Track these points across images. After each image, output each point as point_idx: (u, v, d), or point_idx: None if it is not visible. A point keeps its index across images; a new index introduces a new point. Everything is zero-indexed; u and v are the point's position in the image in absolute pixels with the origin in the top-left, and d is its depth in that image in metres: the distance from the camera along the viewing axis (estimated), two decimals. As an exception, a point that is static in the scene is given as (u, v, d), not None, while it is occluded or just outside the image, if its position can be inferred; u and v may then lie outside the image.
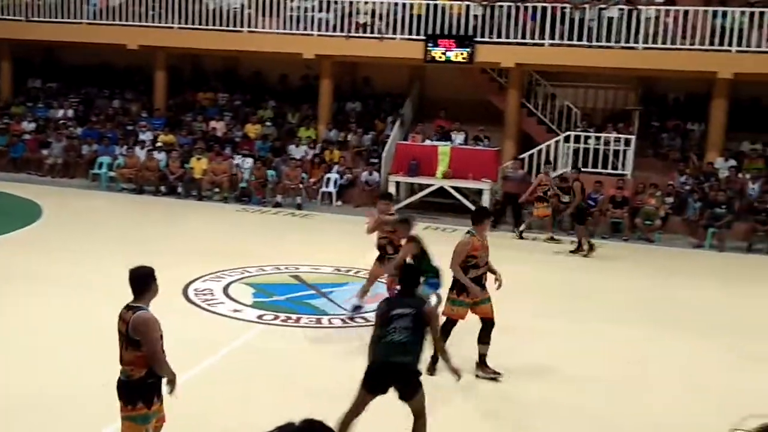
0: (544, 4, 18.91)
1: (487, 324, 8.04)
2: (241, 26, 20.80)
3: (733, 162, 18.00)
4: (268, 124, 21.50)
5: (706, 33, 17.84)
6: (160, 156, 19.85)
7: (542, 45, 18.76)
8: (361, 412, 5.89)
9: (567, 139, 18.71)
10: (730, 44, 17.61)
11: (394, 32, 19.73)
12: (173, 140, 20.91)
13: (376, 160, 19.68)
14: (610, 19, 18.32)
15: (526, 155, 18.92)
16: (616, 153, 18.40)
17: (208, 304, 10.19)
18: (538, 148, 19.04)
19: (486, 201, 17.93)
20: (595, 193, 17.06)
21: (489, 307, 8.01)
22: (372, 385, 5.85)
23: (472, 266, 7.93)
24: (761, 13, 17.53)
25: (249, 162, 19.44)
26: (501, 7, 19.00)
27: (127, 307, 5.11)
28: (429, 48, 19.21)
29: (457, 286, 7.97)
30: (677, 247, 16.19)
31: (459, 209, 18.00)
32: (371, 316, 8.30)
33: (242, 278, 11.61)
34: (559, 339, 9.57)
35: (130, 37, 21.50)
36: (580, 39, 18.43)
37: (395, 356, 5.78)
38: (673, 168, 18.55)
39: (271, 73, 23.29)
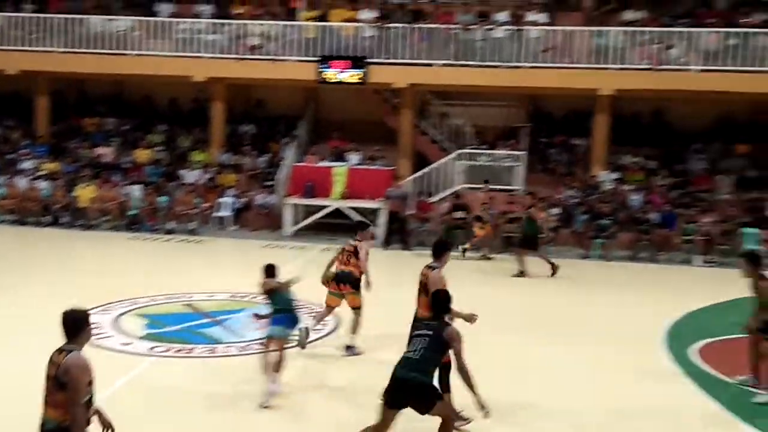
0: (435, 26, 19.30)
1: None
2: (128, 49, 20.27)
3: (616, 175, 18.79)
4: (158, 148, 20.96)
5: (587, 52, 18.64)
6: (42, 185, 19.01)
7: (434, 65, 19.12)
8: (382, 430, 6.02)
9: (459, 157, 19.09)
10: (610, 62, 18.44)
11: (287, 54, 19.67)
12: (57, 168, 20.06)
13: (271, 183, 19.48)
14: (498, 40, 18.88)
15: (420, 173, 19.22)
16: (507, 169, 18.90)
17: (96, 339, 9.73)
18: (431, 166, 19.36)
19: (382, 220, 18.05)
20: (486, 209, 17.41)
21: None
22: (387, 399, 6.00)
23: None
24: (639, 33, 18.45)
25: (139, 188, 18.87)
26: (393, 28, 19.27)
27: (59, 350, 4.81)
28: (322, 69, 19.24)
29: None
30: (566, 257, 16.72)
31: (355, 230, 18.06)
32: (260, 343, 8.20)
33: (133, 309, 11.19)
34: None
35: (10, 62, 20.58)
36: (470, 59, 18.90)
37: (405, 372, 5.98)
38: (560, 182, 19.19)
39: (160, 97, 22.77)
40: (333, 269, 9.65)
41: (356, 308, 9.52)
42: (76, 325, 4.86)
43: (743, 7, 19.32)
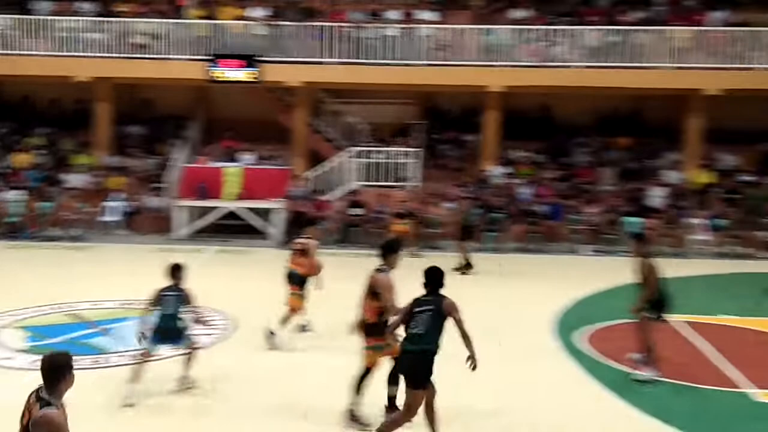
0: (327, 24, 19.23)
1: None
2: (5, 49, 19.26)
3: (506, 169, 19.27)
4: (39, 152, 20.00)
5: (477, 49, 19.02)
6: None
7: (327, 63, 19.05)
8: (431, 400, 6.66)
9: (354, 155, 19.12)
10: (499, 60, 18.88)
11: (175, 53, 19.17)
12: (-72, 175, 18.87)
13: (161, 185, 18.94)
14: (390, 38, 19.01)
15: (315, 172, 19.14)
16: (401, 166, 19.06)
17: (-28, 355, 9.22)
18: (327, 164, 19.30)
19: (279, 221, 17.88)
20: (381, 206, 17.54)
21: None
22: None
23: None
24: (526, 31, 18.96)
25: (18, 194, 17.96)
26: (285, 26, 19.08)
27: (38, 398, 4.45)
28: (212, 68, 18.84)
29: (377, 331, 7.18)
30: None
31: (251, 230, 17.84)
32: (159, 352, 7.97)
33: (14, 322, 10.64)
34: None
35: None
36: (362, 57, 18.94)
37: (413, 346, 6.53)
38: (454, 177, 19.50)
39: (40, 98, 21.72)
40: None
41: (292, 310, 9.71)
42: (56, 371, 4.46)
43: (622, 6, 20.17)
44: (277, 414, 7.71)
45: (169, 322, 7.95)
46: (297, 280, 9.71)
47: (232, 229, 18.05)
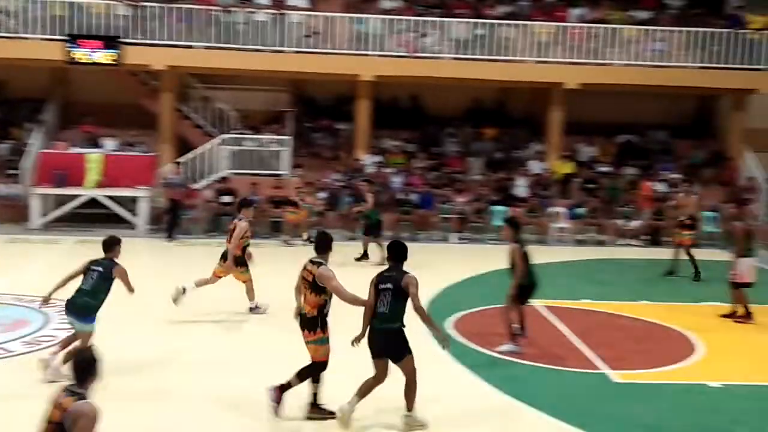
0: (193, 6, 18.62)
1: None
2: None
3: (378, 158, 19.40)
4: None
5: (348, 38, 19.01)
6: None
7: (193, 47, 18.48)
8: (380, 379, 7.03)
9: (224, 142, 18.69)
10: (369, 48, 18.94)
11: (30, 32, 18.02)
12: None
13: (15, 172, 17.79)
14: (260, 23, 18.65)
15: (184, 159, 18.57)
16: (273, 154, 18.81)
17: None
18: (195, 151, 18.76)
19: (144, 209, 17.23)
20: (252, 194, 17.22)
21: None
22: (373, 352, 7.05)
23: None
24: (396, 21, 19.11)
25: None
26: (149, 7, 18.32)
27: (71, 392, 4.57)
28: (70, 49, 17.84)
29: (319, 324, 7.14)
30: (334, 240, 16.96)
31: (115, 219, 17.10)
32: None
33: None
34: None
35: None
36: (231, 42, 18.49)
37: (379, 324, 6.96)
38: (327, 166, 19.45)
39: None
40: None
41: (244, 282, 10.67)
42: (86, 368, 4.64)
43: (489, 0, 20.71)
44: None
45: (82, 297, 7.83)
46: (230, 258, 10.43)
47: (94, 218, 17.21)
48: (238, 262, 10.49)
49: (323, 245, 7.33)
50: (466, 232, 17.82)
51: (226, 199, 17.42)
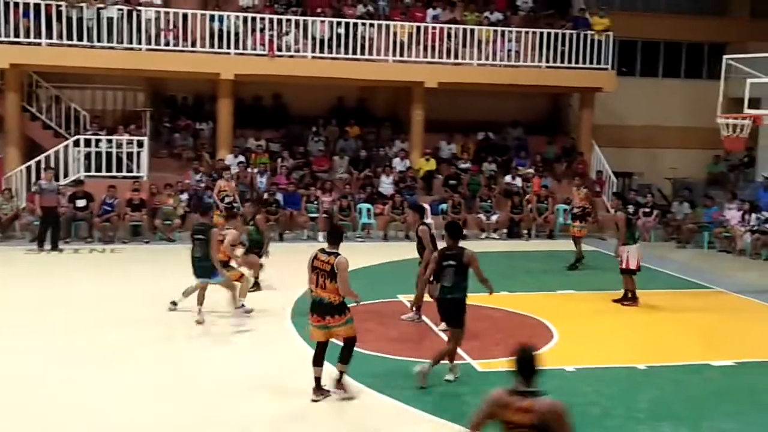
0: (38, 2, 17.58)
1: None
2: None
3: (242, 158, 19.08)
4: None
5: (206, 36, 18.56)
6: None
7: (39, 44, 17.48)
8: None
9: (77, 143, 17.78)
10: (229, 47, 18.58)
11: None
12: None
13: None
14: (110, 20, 17.87)
15: (33, 162, 17.53)
16: (129, 155, 18.09)
17: None
18: (46, 153, 17.74)
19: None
20: (110, 198, 16.54)
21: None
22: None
23: None
24: (254, 19, 18.84)
25: None
26: (-12, 2, 17.15)
27: (521, 393, 4.52)
28: None
29: (344, 307, 7.80)
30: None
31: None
32: None
33: None
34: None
35: None
36: (80, 39, 17.62)
37: (444, 295, 8.27)
38: (188, 166, 18.92)
39: None
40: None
41: (236, 280, 10.83)
42: (533, 364, 4.53)
43: (349, -1, 20.82)
44: None
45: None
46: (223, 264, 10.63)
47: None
48: (226, 265, 10.83)
49: (337, 237, 7.95)
50: (332, 230, 17.80)
51: (81, 203, 16.59)
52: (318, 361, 7.89)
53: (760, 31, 23.54)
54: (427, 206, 18.00)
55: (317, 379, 7.88)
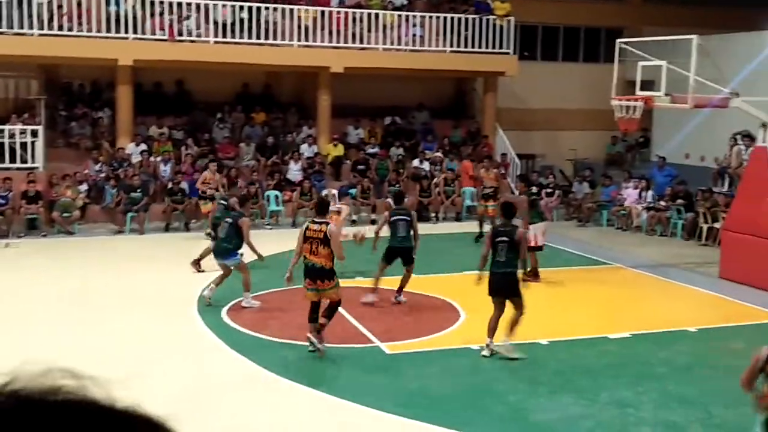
0: None
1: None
2: None
3: (144, 146, 18.56)
4: None
5: (102, 20, 17.92)
6: None
7: None
8: (498, 315, 8.86)
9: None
10: (127, 31, 18.00)
11: None
12: None
13: None
14: (-1, 3, 17.02)
15: None
16: (23, 146, 17.30)
17: None
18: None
19: None
20: (4, 190, 15.82)
21: None
22: (492, 294, 8.92)
23: None
24: (153, 2, 18.30)
25: None
26: None
27: None
28: None
29: (333, 273, 8.83)
30: (98, 235, 16.11)
31: None
32: None
33: None
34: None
35: None
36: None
37: (497, 269, 8.83)
38: (86, 156, 18.27)
39: None
40: None
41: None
42: None
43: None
44: None
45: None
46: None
47: None
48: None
49: (324, 208, 9.28)
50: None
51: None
52: (312, 319, 8.88)
53: (653, 15, 24.53)
54: (334, 191, 18.12)
55: (317, 332, 8.84)
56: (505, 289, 8.87)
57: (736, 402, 7.86)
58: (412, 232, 11.05)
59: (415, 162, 20.18)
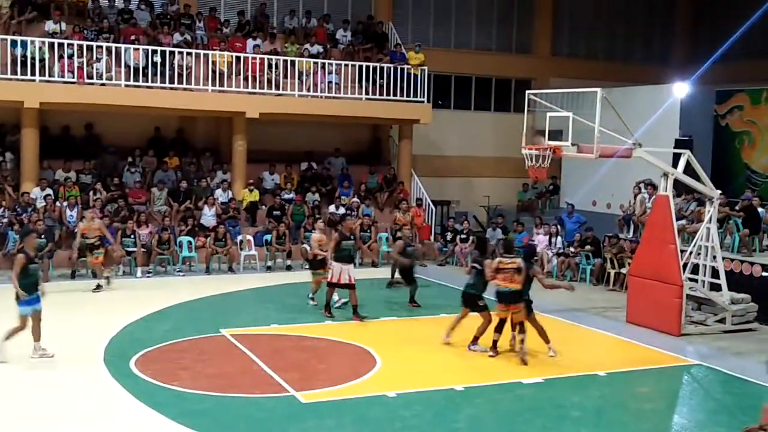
0: None
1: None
2: None
3: (49, 191, 17.89)
4: None
5: (8, 62, 17.38)
6: None
7: None
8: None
9: None
10: (34, 74, 17.50)
11: None
12: None
13: None
14: None
15: None
16: None
17: None
18: None
19: None
20: None
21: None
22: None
23: None
24: (61, 45, 17.88)
25: None
26: None
27: None
28: None
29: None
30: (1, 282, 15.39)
31: None
32: None
33: None
34: None
35: None
36: None
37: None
38: (-12, 201, 17.50)
39: None
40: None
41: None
42: None
43: (164, 27, 20.26)
44: None
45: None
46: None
47: None
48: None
49: (510, 247, 11.82)
50: (150, 265, 17.09)
51: None
52: (499, 330, 10.99)
53: (560, 68, 25.60)
54: (249, 237, 17.89)
55: (495, 342, 10.97)
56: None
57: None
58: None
59: (332, 208, 20.17)
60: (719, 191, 13.71)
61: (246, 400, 8.97)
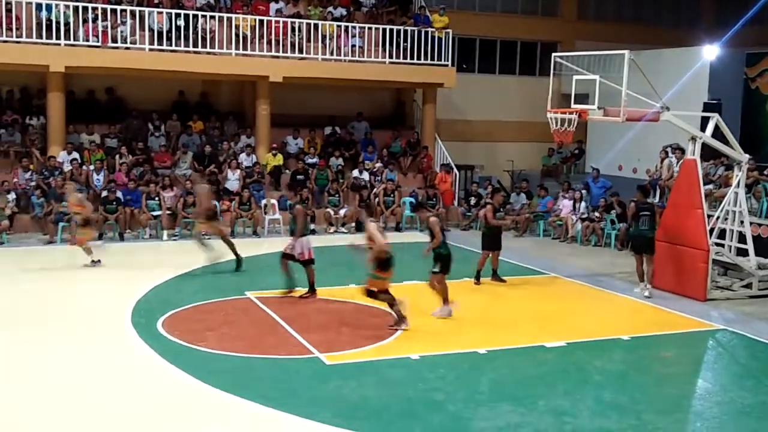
0: None
1: None
2: None
3: (75, 155, 18.07)
4: None
5: (33, 26, 17.44)
6: None
7: None
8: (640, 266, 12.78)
9: None
10: (59, 38, 17.55)
11: None
12: None
13: None
14: None
15: None
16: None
17: None
18: None
19: None
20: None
21: None
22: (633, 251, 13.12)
23: None
24: (86, 8, 17.90)
25: None
26: None
27: None
28: None
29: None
30: (30, 245, 15.62)
31: None
32: None
33: None
34: None
35: None
36: None
37: (640, 232, 12.76)
38: (16, 164, 17.71)
39: None
40: None
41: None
42: None
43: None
44: None
45: None
46: None
47: None
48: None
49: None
50: (176, 228, 17.26)
51: None
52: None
53: (587, 31, 25.16)
54: (273, 201, 17.99)
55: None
56: (645, 248, 12.72)
57: (668, 409, 8.07)
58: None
59: (355, 172, 20.17)
60: (748, 156, 13.51)
61: (271, 361, 9.08)
